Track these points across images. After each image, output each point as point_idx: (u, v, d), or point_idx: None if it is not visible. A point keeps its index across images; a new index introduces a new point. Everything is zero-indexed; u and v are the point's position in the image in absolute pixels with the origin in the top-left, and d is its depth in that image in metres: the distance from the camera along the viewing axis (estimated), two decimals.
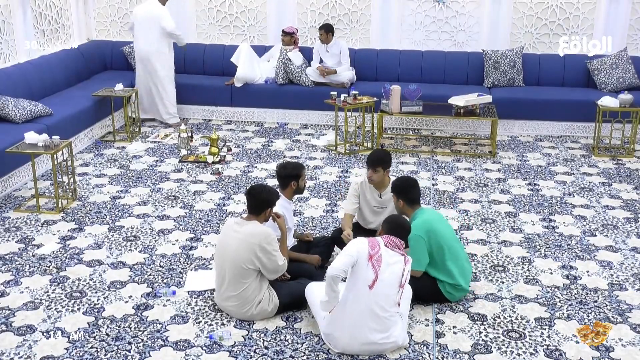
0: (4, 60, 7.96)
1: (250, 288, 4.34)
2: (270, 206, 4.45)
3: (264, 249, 4.28)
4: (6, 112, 6.92)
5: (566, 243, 5.64)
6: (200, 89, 9.16)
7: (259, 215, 4.42)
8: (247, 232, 4.31)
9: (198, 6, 9.76)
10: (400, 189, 4.71)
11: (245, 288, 4.33)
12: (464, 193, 6.72)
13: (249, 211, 4.45)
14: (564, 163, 7.66)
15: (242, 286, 4.33)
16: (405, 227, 4.22)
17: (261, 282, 4.40)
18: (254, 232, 4.31)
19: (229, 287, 4.38)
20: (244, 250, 4.28)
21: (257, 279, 4.37)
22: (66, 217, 6.03)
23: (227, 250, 4.35)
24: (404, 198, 4.68)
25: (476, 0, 9.25)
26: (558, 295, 4.81)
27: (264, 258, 4.29)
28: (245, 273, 4.32)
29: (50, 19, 8.92)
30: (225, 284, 4.39)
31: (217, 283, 4.50)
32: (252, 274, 4.34)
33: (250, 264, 4.30)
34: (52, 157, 6.11)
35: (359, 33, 9.57)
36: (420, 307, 4.60)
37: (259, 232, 4.31)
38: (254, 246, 4.27)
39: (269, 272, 4.38)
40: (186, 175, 7.12)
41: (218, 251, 4.47)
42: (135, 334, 4.28)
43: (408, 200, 4.68)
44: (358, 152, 7.91)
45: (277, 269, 4.39)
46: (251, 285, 4.34)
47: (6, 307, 4.55)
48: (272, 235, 4.38)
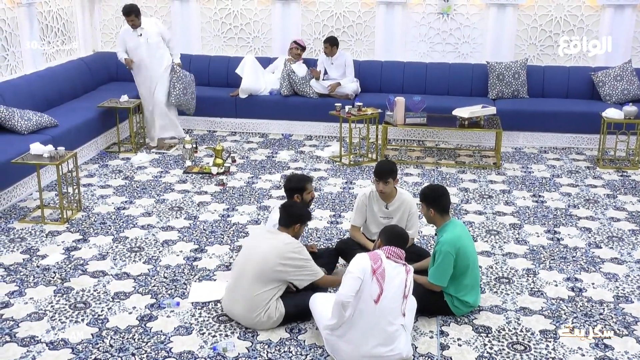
0: (10, 72, 8.01)
1: (265, 294, 4.38)
2: (299, 222, 4.58)
3: (295, 257, 4.41)
4: (12, 123, 6.96)
5: (571, 255, 5.62)
6: (205, 101, 9.18)
7: (288, 228, 4.56)
8: (281, 240, 4.45)
9: (203, 18, 9.81)
10: (431, 199, 4.61)
11: (261, 293, 4.37)
12: (468, 204, 6.71)
13: (280, 223, 4.60)
14: (569, 175, 7.64)
15: (259, 290, 4.37)
16: (404, 236, 4.21)
17: (276, 292, 4.44)
18: (286, 241, 4.46)
19: (243, 290, 4.40)
20: (274, 256, 4.37)
21: (275, 289, 4.41)
22: (71, 228, 6.03)
23: (255, 252, 4.43)
24: (435, 207, 4.58)
25: (480, 12, 9.28)
26: (563, 307, 4.79)
27: (293, 267, 4.40)
28: (268, 279, 4.38)
29: (57, 31, 8.99)
30: (241, 286, 4.42)
31: (230, 287, 4.54)
32: (273, 283, 4.40)
33: (273, 273, 4.37)
34: (57, 168, 6.13)
35: (363, 45, 9.61)
36: (424, 319, 4.58)
37: (292, 242, 4.48)
38: (285, 253, 4.38)
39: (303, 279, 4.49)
40: (191, 186, 7.13)
41: (243, 253, 4.54)
42: (139, 345, 4.27)
43: (439, 209, 4.59)
44: (362, 164, 7.92)
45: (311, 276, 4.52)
46: (267, 292, 4.38)
47: (10, 318, 4.55)
48: (304, 248, 4.53)
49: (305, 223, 4.68)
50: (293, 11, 9.54)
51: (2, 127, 7.08)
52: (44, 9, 8.70)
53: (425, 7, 9.34)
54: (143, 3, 9.82)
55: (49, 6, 8.80)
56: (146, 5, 9.85)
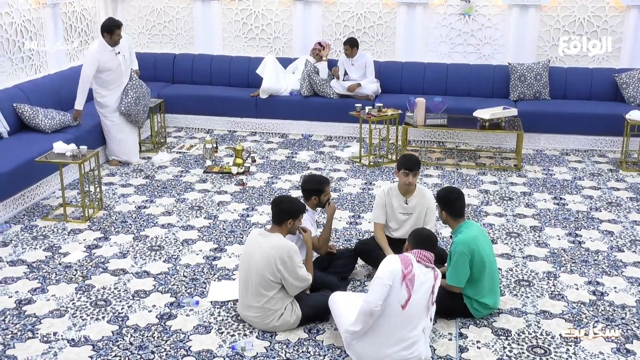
0: (35, 72, 8.12)
1: (273, 300, 4.34)
2: (291, 218, 4.43)
3: (285, 262, 4.27)
4: (36, 122, 7.06)
5: (593, 258, 5.56)
6: (225, 101, 9.23)
7: (281, 226, 4.43)
8: (269, 245, 4.31)
9: (224, 19, 9.86)
10: (445, 201, 4.60)
11: (268, 300, 4.33)
12: (488, 207, 6.67)
13: (272, 221, 4.49)
14: (591, 177, 7.57)
15: (265, 298, 4.33)
16: (432, 238, 4.18)
17: (284, 295, 4.39)
18: (275, 245, 4.30)
19: (251, 298, 4.38)
20: (266, 263, 4.28)
21: (281, 292, 4.37)
22: (92, 226, 6.10)
23: (251, 261, 4.36)
24: (449, 210, 4.58)
25: (502, 13, 9.22)
26: (584, 311, 4.74)
27: (286, 272, 4.28)
28: (268, 285, 4.32)
29: (80, 31, 9.09)
30: (249, 294, 4.40)
31: (241, 293, 4.51)
32: (275, 287, 4.34)
33: (272, 277, 4.29)
34: (79, 167, 6.20)
35: (384, 45, 9.59)
36: (443, 321, 4.56)
37: (280, 245, 4.30)
38: (274, 259, 4.26)
39: (291, 287, 4.35)
40: (211, 185, 7.17)
41: (242, 261, 4.48)
42: (158, 343, 4.31)
43: (453, 212, 4.58)
44: (382, 165, 7.90)
45: (300, 283, 4.37)
46: (274, 297, 4.34)
47: (33, 315, 4.61)
48: (294, 249, 4.35)
49: (298, 217, 4.48)
50: (314, 12, 9.55)
51: (26, 126, 7.19)
52: (68, 10, 8.81)
53: (446, 7, 9.30)
54: (165, 4, 9.91)
55: (73, 7, 8.91)
56: (168, 6, 9.92)
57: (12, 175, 6.17)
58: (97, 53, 7.27)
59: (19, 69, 7.86)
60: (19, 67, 7.86)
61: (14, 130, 7.06)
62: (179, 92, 9.39)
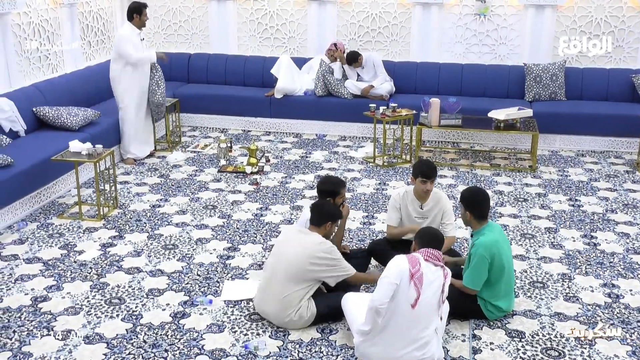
0: (51, 71, 8.19)
1: (296, 294, 4.39)
2: (330, 220, 4.59)
3: (327, 258, 4.41)
4: (61, 120, 7.15)
5: (608, 261, 5.52)
6: (240, 100, 9.26)
7: (320, 227, 4.56)
8: (312, 240, 4.46)
9: (239, 18, 9.89)
10: (470, 202, 4.52)
11: (292, 293, 4.38)
12: (503, 208, 6.64)
13: (311, 222, 4.62)
14: (607, 179, 7.51)
15: (290, 290, 4.38)
16: (439, 237, 4.17)
17: (306, 293, 4.44)
18: (317, 241, 4.45)
19: (275, 290, 4.42)
20: (306, 257, 4.37)
21: (305, 289, 4.42)
22: (107, 225, 6.14)
23: (286, 252, 4.45)
24: (474, 211, 4.51)
25: (518, 13, 9.17)
26: (599, 313, 4.71)
27: (324, 265, 4.41)
28: (299, 279, 4.39)
29: (97, 31, 9.15)
30: (274, 285, 4.44)
31: (261, 286, 4.57)
32: (305, 283, 4.41)
33: (304, 273, 4.38)
34: (94, 166, 6.24)
35: (398, 46, 9.57)
36: (457, 322, 4.55)
37: (323, 242, 4.48)
38: (318, 252, 4.38)
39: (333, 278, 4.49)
40: (225, 185, 7.19)
41: (275, 253, 4.57)
42: (172, 341, 4.33)
43: (477, 214, 4.51)
44: (396, 165, 7.89)
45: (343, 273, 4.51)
46: (299, 291, 4.40)
47: (48, 312, 4.65)
48: (334, 248, 4.52)
49: (336, 222, 4.69)
50: (329, 12, 9.55)
51: (43, 124, 7.26)
52: (85, 9, 8.87)
53: (462, 8, 9.27)
54: (181, 3, 9.95)
55: (89, 6, 8.97)
56: (183, 6, 9.97)
57: (29, 174, 6.23)
58: (129, 35, 7.39)
59: (36, 68, 7.93)
60: (36, 67, 7.93)
61: (31, 129, 7.13)
62: (193, 92, 9.43)
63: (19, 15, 7.52)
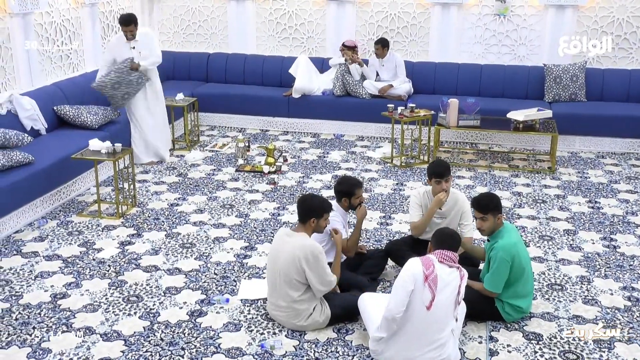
0: (72, 70, 8.28)
1: (300, 301, 4.35)
2: (314, 217, 4.40)
3: (309, 261, 4.27)
4: (82, 119, 7.22)
5: (628, 263, 5.46)
6: (258, 100, 9.28)
7: (305, 224, 4.43)
8: (294, 244, 4.32)
9: (258, 18, 9.92)
10: (496, 206, 4.49)
11: (295, 300, 4.34)
12: (521, 209, 6.59)
13: (298, 219, 4.50)
14: (627, 181, 7.42)
15: (291, 298, 4.35)
16: (455, 237, 4.14)
17: (312, 296, 4.40)
18: (300, 244, 4.31)
19: (279, 298, 4.41)
20: (291, 262, 4.29)
21: (308, 293, 4.37)
22: (125, 223, 6.19)
23: (277, 260, 4.38)
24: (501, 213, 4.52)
25: (538, 13, 9.10)
26: (619, 317, 4.66)
27: (310, 272, 4.29)
28: (295, 285, 4.33)
29: (117, 30, 9.21)
30: (276, 294, 4.42)
31: (269, 292, 4.53)
32: (301, 288, 4.35)
33: (298, 276, 4.31)
34: (114, 164, 6.30)
35: (417, 46, 9.54)
36: (473, 324, 4.53)
37: (304, 245, 4.30)
38: (299, 258, 4.27)
39: (315, 289, 4.35)
40: (242, 184, 7.21)
41: (269, 261, 4.51)
42: (188, 339, 4.35)
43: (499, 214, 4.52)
44: (414, 165, 7.87)
45: (323, 285, 4.35)
46: (301, 297, 4.35)
47: (67, 309, 4.70)
48: (319, 249, 4.33)
49: (321, 217, 4.43)
50: (348, 12, 9.55)
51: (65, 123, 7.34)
52: (106, 9, 8.95)
53: (481, 8, 9.22)
54: (200, 3, 10.01)
55: (110, 6, 9.05)
56: (203, 5, 10.02)
57: (49, 172, 6.30)
58: (114, 43, 7.56)
59: (57, 67, 8.02)
60: (57, 66, 8.02)
61: (52, 128, 7.21)
62: (212, 91, 9.47)
63: (41, 15, 7.61)
